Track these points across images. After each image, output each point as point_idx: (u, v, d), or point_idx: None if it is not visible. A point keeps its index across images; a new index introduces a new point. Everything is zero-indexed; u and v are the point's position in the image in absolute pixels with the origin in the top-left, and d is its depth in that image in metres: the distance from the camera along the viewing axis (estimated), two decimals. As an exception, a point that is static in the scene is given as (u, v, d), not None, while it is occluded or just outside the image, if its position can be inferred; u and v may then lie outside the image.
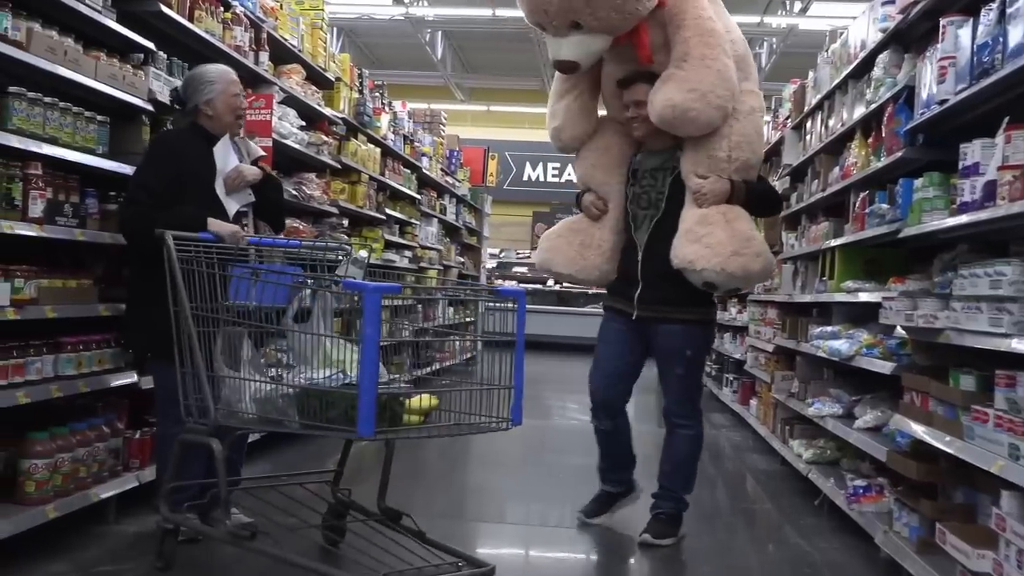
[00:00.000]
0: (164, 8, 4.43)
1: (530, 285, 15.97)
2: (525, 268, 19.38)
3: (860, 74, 5.19)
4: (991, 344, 3.05)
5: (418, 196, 10.79)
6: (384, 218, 8.95)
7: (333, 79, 7.39)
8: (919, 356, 3.99)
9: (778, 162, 7.81)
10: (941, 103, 3.63)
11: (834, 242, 5.29)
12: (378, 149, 8.75)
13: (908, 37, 4.53)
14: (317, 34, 7.08)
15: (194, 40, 4.88)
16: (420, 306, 10.29)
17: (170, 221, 3.53)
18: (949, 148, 3.62)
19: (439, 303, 11.26)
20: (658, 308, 4.28)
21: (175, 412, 3.65)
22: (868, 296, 4.58)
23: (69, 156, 3.76)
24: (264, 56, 5.76)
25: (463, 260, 14.07)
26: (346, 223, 7.72)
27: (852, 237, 4.96)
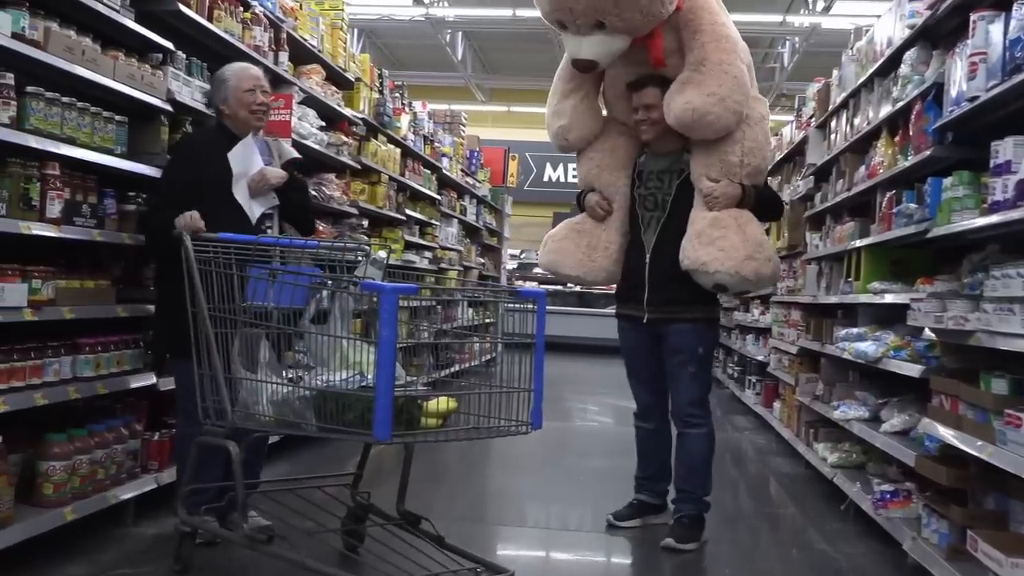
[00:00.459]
0: (183, 8, 4.40)
1: (550, 286, 15.90)
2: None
3: (886, 71, 5.12)
4: (1024, 347, 2.97)
5: (438, 197, 10.76)
6: (404, 219, 8.92)
7: (353, 79, 7.37)
8: (948, 359, 3.91)
9: (802, 161, 7.72)
10: (971, 100, 3.55)
11: (860, 242, 5.21)
12: (398, 150, 8.72)
13: (936, 33, 4.46)
14: (337, 34, 7.06)
15: (213, 40, 4.85)
16: (440, 307, 10.26)
17: (161, 222, 3.62)
18: (979, 146, 3.55)
19: (459, 304, 11.22)
20: (667, 309, 4.32)
21: (196, 412, 3.65)
22: (895, 297, 4.51)
23: (87, 156, 3.74)
24: (284, 56, 5.74)
25: (483, 261, 14.04)
26: (366, 224, 7.70)
27: (878, 237, 4.89)
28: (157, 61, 4.30)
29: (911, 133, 4.43)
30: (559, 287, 16.34)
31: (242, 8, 5.17)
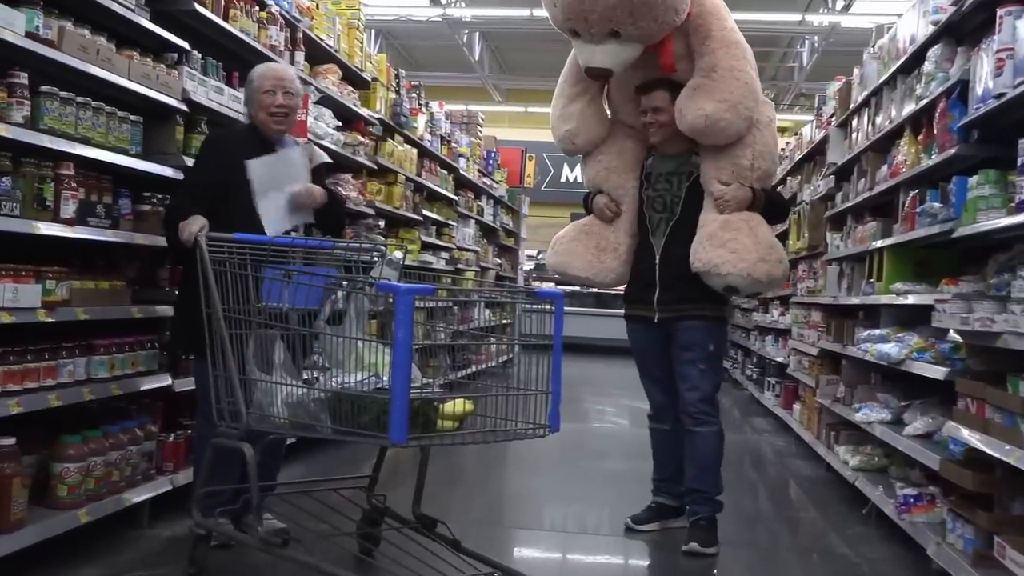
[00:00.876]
0: (198, 7, 4.39)
1: (567, 287, 15.87)
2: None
3: (909, 69, 5.06)
4: (1054, 349, 2.91)
5: (455, 197, 10.73)
6: (421, 219, 8.89)
7: (370, 79, 7.35)
8: (974, 361, 3.84)
9: (822, 161, 7.65)
10: (998, 97, 3.48)
11: (882, 243, 5.15)
12: (415, 150, 8.70)
13: (961, 29, 4.40)
14: (353, 34, 7.04)
15: (229, 40, 4.84)
16: (457, 308, 10.23)
17: (173, 220, 3.60)
18: (1006, 144, 3.50)
19: (476, 305, 11.19)
20: (678, 307, 4.34)
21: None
22: (918, 299, 4.44)
23: (102, 156, 3.72)
24: (300, 56, 5.72)
25: (500, 262, 14.01)
26: (382, 224, 7.68)
27: (901, 237, 4.82)
28: (172, 61, 4.29)
29: (935, 131, 4.37)
30: (576, 288, 16.31)
31: (258, 8, 5.16)
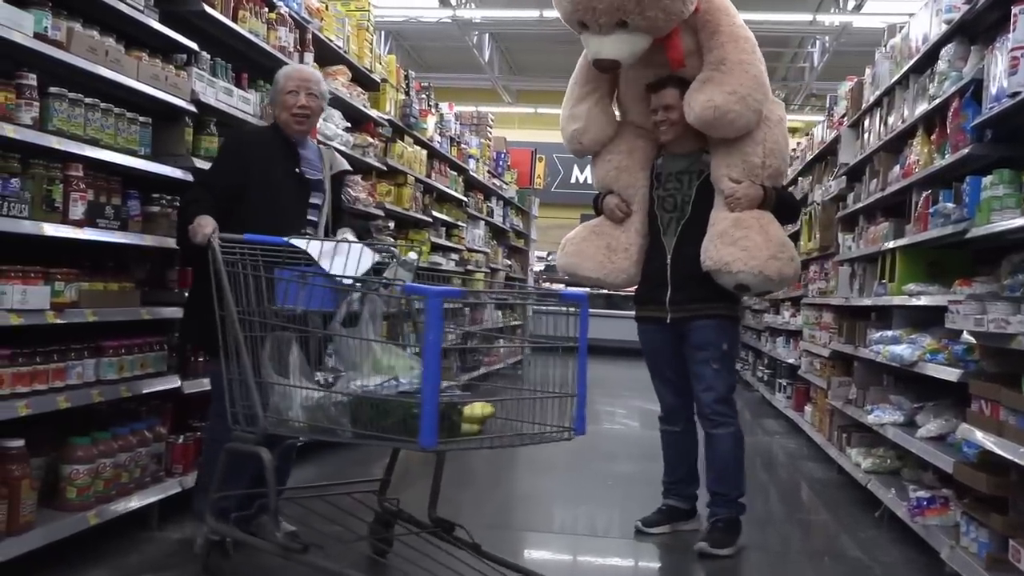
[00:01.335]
0: (207, 8, 4.38)
1: (579, 288, 15.82)
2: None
3: (922, 68, 5.02)
4: (1069, 350, 2.88)
5: (465, 198, 10.72)
6: (430, 220, 8.88)
7: (379, 81, 7.34)
8: (988, 362, 3.81)
9: (834, 161, 7.61)
10: (1012, 96, 3.45)
11: (894, 243, 5.11)
12: (424, 151, 8.69)
13: (975, 28, 4.36)
14: (363, 35, 7.04)
15: (238, 41, 4.83)
16: (468, 310, 10.21)
17: (182, 216, 3.58)
18: (1020, 144, 3.47)
19: (487, 307, 11.16)
20: (690, 307, 4.32)
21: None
22: (931, 299, 4.41)
23: (110, 158, 3.72)
24: (309, 57, 5.71)
25: (510, 263, 13.99)
26: (392, 225, 7.67)
27: (914, 238, 4.78)
28: (181, 62, 4.28)
29: (948, 131, 4.34)
30: (588, 289, 16.27)
31: (267, 9, 5.16)
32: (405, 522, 3.63)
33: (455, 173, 10.24)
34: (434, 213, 9.05)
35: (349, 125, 6.44)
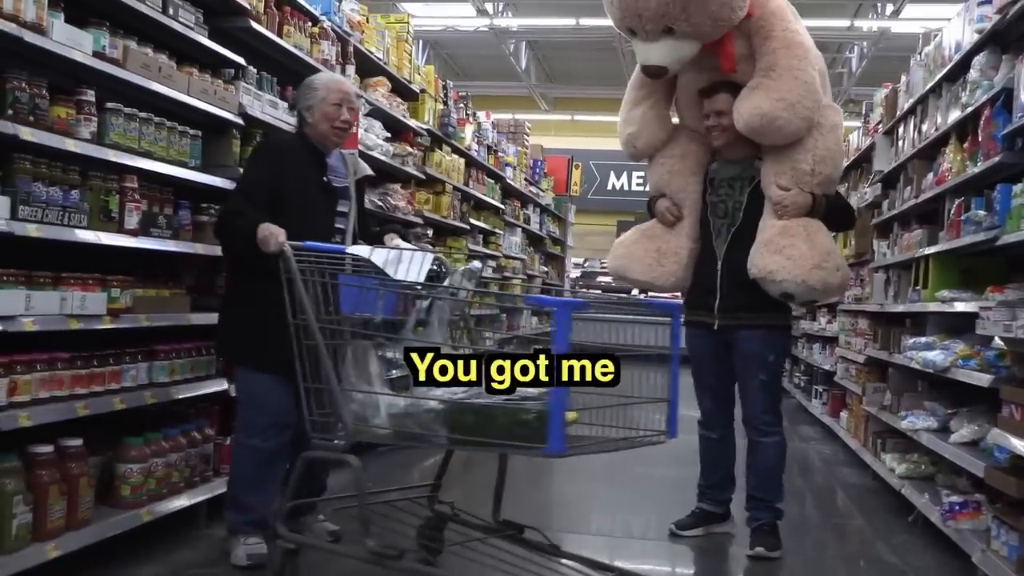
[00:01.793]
0: (254, 24, 4.53)
1: (614, 295, 15.88)
2: (609, 278, 19.29)
3: (955, 77, 5.05)
4: (1097, 356, 2.92)
5: (502, 206, 10.83)
6: (468, 228, 9.01)
7: (418, 91, 7.48)
8: (1018, 368, 3.84)
9: (869, 168, 7.62)
10: (1041, 105, 3.50)
11: (928, 250, 5.14)
12: (462, 160, 8.82)
13: (1006, 38, 4.40)
14: (402, 47, 7.18)
15: (283, 55, 4.98)
16: (504, 315, 10.31)
17: (239, 225, 3.54)
18: (1050, 152, 3.49)
19: (523, 313, 11.24)
20: (738, 315, 4.30)
21: (259, 422, 3.69)
22: (964, 306, 4.44)
23: (163, 169, 3.88)
24: (351, 69, 5.85)
25: (547, 270, 14.08)
26: (431, 233, 7.79)
27: (947, 245, 4.82)
28: (229, 76, 4.43)
29: (980, 139, 4.37)
30: (623, 295, 16.31)
31: (310, 23, 5.30)
32: (464, 525, 3.58)
33: (492, 181, 10.36)
34: (472, 221, 9.17)
35: (389, 135, 6.58)
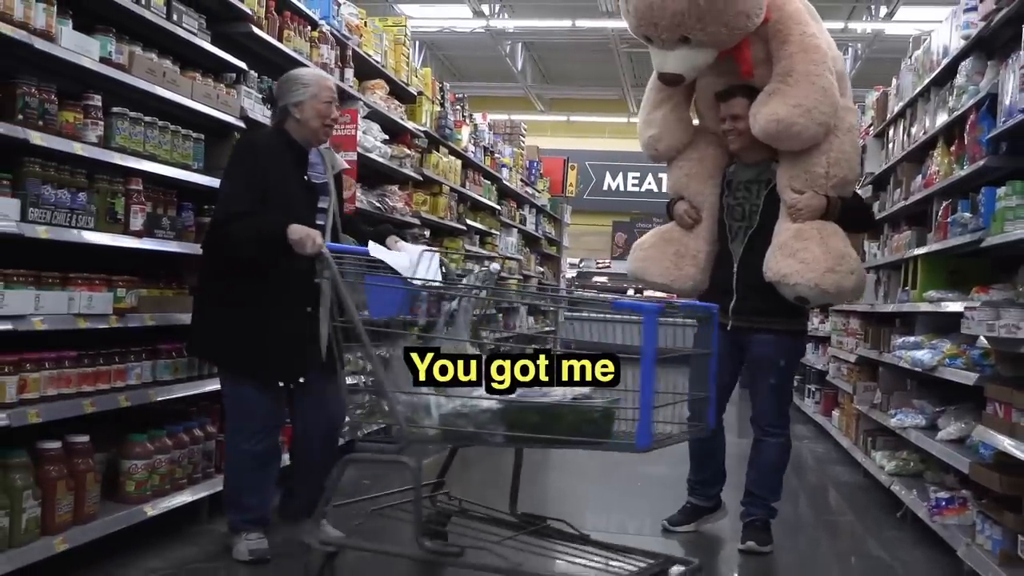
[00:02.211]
0: (255, 29, 4.62)
1: (611, 295, 15.97)
2: (605, 278, 19.39)
3: (943, 81, 5.14)
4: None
5: (498, 207, 10.90)
6: (464, 228, 9.07)
7: (415, 93, 7.54)
8: (1002, 367, 3.93)
9: (860, 170, 7.70)
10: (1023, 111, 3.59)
11: (917, 251, 5.23)
12: (459, 161, 8.89)
13: (991, 44, 4.49)
14: (400, 50, 7.25)
15: (283, 59, 5.06)
16: (500, 315, 10.39)
17: (261, 227, 3.53)
18: (1033, 156, 3.57)
19: (519, 312, 11.31)
20: (752, 319, 4.32)
21: (249, 426, 3.72)
22: (952, 306, 4.52)
23: (167, 172, 3.96)
24: (349, 72, 5.93)
25: (543, 270, 14.15)
26: (428, 234, 7.87)
27: (935, 246, 4.91)
28: (231, 80, 4.52)
29: (966, 143, 4.46)
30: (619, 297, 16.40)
31: (310, 27, 5.38)
32: (481, 521, 3.63)
33: (488, 182, 10.43)
34: (468, 221, 9.24)
35: (387, 137, 6.65)
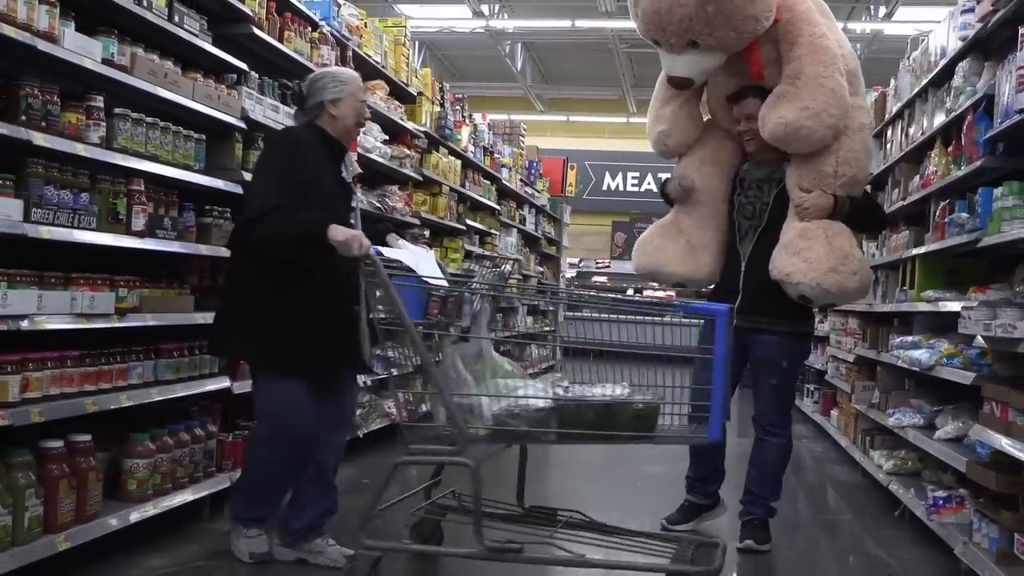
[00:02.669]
0: (256, 30, 4.64)
1: (609, 295, 15.96)
2: (605, 278, 19.41)
3: (940, 82, 5.16)
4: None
5: (498, 207, 10.91)
6: (464, 228, 9.08)
7: (415, 94, 7.56)
8: (999, 366, 3.95)
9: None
10: (1020, 112, 3.60)
11: (915, 251, 5.25)
12: (459, 161, 8.90)
13: (988, 45, 4.51)
14: (400, 50, 7.26)
15: (283, 59, 5.08)
16: (500, 315, 10.40)
17: (300, 227, 3.44)
18: (1030, 157, 3.59)
19: (518, 312, 11.32)
20: (757, 319, 4.32)
21: (287, 434, 3.59)
22: (949, 306, 4.54)
23: (168, 172, 3.97)
24: (349, 73, 5.94)
25: (542, 270, 14.17)
26: (427, 234, 7.88)
27: (933, 246, 4.93)
28: (232, 81, 4.53)
29: (963, 143, 4.48)
30: (619, 296, 16.38)
31: (310, 28, 5.40)
32: (488, 517, 3.63)
33: (488, 182, 10.45)
34: (468, 221, 9.26)
35: (387, 137, 6.66)
